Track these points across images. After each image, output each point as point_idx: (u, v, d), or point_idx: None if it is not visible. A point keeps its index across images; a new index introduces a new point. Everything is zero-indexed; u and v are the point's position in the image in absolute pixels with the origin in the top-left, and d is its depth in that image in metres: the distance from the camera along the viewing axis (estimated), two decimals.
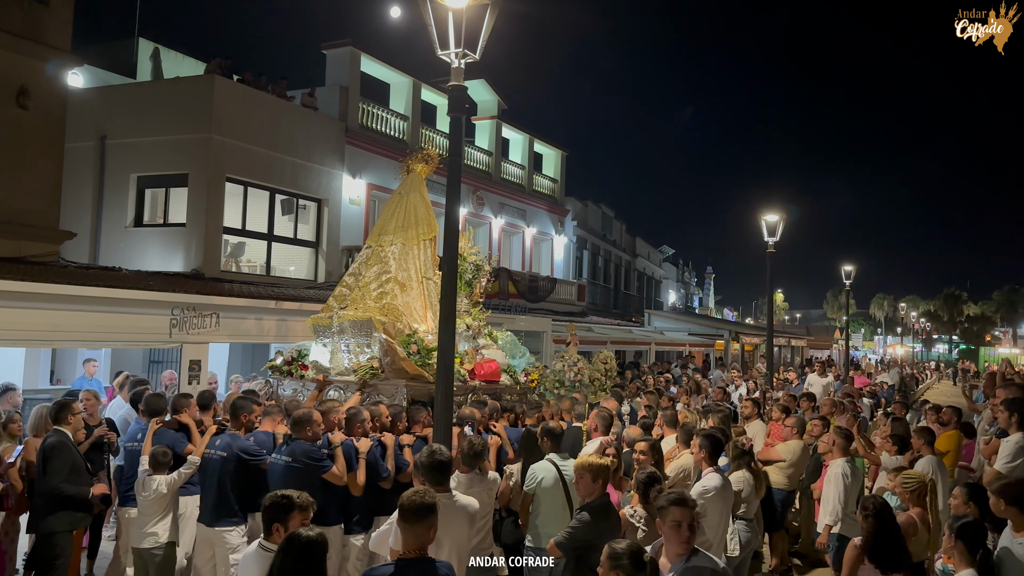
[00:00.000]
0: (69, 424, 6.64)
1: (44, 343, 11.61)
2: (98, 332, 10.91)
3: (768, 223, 16.30)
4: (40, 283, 9.92)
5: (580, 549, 5.08)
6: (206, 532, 6.34)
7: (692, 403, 12.59)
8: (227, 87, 15.60)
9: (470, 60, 6.30)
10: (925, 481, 5.91)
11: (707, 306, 68.32)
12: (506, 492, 6.85)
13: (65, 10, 12.57)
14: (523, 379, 10.45)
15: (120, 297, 10.87)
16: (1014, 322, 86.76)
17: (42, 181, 12.19)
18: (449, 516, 4.89)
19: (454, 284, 6.40)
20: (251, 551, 4.30)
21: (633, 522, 5.45)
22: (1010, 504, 4.94)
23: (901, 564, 5.06)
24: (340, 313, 9.78)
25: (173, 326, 11.65)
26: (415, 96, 21.31)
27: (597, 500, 5.29)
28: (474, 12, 6.11)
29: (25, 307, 9.75)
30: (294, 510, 4.18)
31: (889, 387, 23.01)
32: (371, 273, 10.12)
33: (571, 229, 30.79)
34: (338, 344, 9.70)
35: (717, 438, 6.62)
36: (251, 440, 6.58)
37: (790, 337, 43.94)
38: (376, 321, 9.35)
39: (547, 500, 6.10)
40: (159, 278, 12.63)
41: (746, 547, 6.90)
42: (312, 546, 3.59)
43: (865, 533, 5.07)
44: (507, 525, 6.92)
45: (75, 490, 6.35)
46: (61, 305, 10.16)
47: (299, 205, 17.50)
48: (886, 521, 5.11)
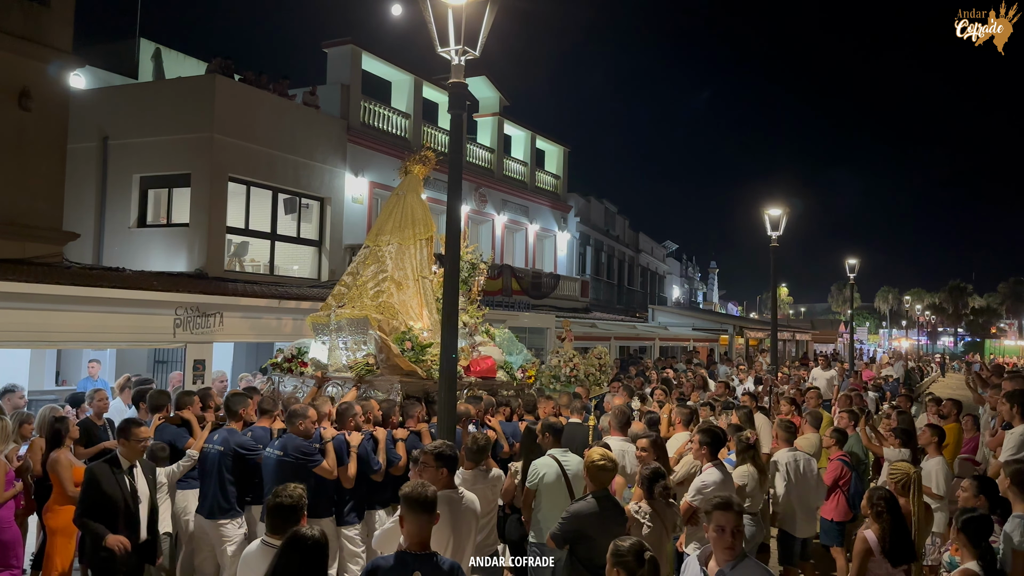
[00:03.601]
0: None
1: (49, 344, 11.65)
2: (102, 333, 10.96)
3: (771, 217, 16.26)
4: (44, 284, 9.96)
5: (572, 540, 5.10)
6: (204, 524, 6.51)
7: (698, 398, 12.59)
8: (229, 86, 15.61)
9: (470, 57, 6.30)
10: (910, 473, 5.97)
11: (711, 301, 68.21)
12: (510, 489, 6.87)
13: (66, 11, 12.59)
14: (520, 376, 10.62)
15: (124, 298, 10.91)
16: (1019, 314, 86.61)
17: (45, 182, 12.22)
18: (456, 513, 4.90)
19: (456, 281, 6.41)
20: (253, 548, 4.32)
21: (638, 518, 5.45)
22: (1013, 484, 5.18)
23: (912, 555, 5.09)
24: (338, 311, 9.98)
25: (177, 326, 11.68)
26: (416, 94, 21.30)
27: (591, 493, 5.30)
28: (473, 9, 6.10)
29: (29, 308, 9.80)
30: (300, 511, 4.26)
31: (894, 380, 22.98)
32: (368, 272, 10.33)
33: (574, 225, 30.77)
34: (336, 341, 9.89)
35: (716, 433, 6.63)
36: (248, 435, 6.77)
37: (795, 331, 43.91)
38: (372, 319, 9.55)
39: (549, 496, 6.12)
40: (163, 278, 12.66)
41: (750, 541, 6.90)
42: (316, 546, 3.64)
43: (881, 530, 5.07)
44: (511, 522, 6.95)
45: (93, 527, 5.56)
46: (65, 306, 10.20)
47: (302, 204, 17.51)
48: (896, 515, 5.13)
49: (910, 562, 5.15)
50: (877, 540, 5.05)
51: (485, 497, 5.67)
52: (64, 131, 12.68)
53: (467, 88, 6.53)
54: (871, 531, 5.12)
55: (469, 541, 4.99)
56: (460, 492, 5.04)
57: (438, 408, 6.57)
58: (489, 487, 6.10)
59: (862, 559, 5.09)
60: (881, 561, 5.00)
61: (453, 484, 5.02)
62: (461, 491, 5.07)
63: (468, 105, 6.77)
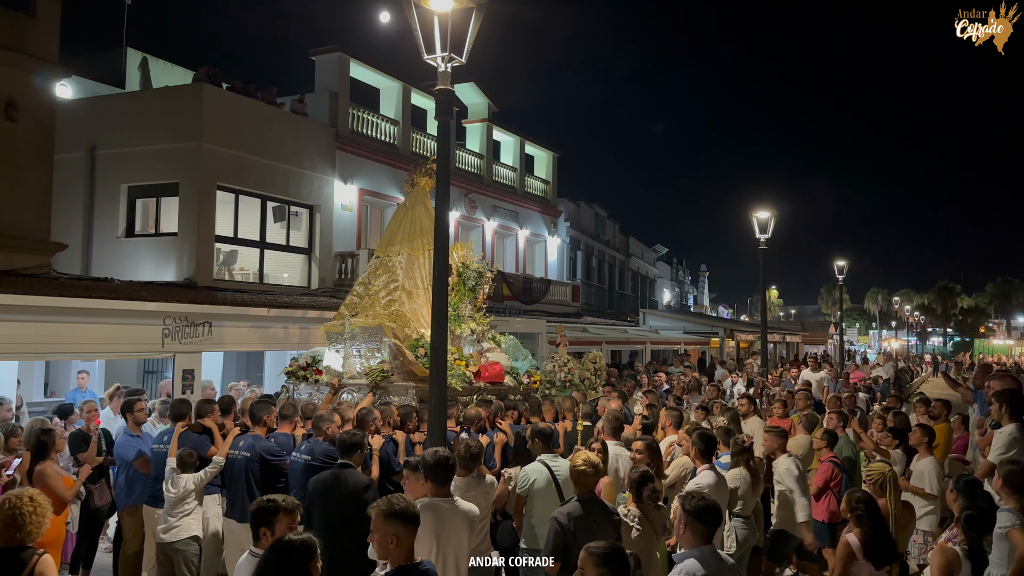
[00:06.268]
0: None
1: (37, 356, 11.57)
2: (91, 343, 10.89)
3: (760, 220, 16.34)
4: (32, 295, 9.89)
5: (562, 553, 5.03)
6: (236, 527, 6.67)
7: (689, 400, 12.62)
8: (216, 95, 15.57)
9: (457, 64, 6.32)
10: (885, 472, 6.03)
11: (702, 304, 68.43)
12: (503, 495, 6.86)
13: (52, 21, 12.54)
14: (526, 380, 10.90)
15: (112, 308, 10.84)
16: (1007, 314, 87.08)
17: (32, 193, 12.15)
18: (450, 521, 4.87)
19: (445, 285, 6.43)
20: (244, 559, 4.29)
21: (627, 521, 5.44)
22: (1005, 484, 5.33)
23: (894, 556, 5.11)
24: (351, 320, 10.36)
25: (166, 336, 11.62)
26: (405, 100, 21.29)
27: (576, 496, 5.25)
28: (459, 16, 6.12)
29: (17, 320, 9.72)
30: (279, 513, 4.12)
31: (884, 381, 23.07)
32: (380, 282, 10.79)
33: (564, 230, 30.79)
34: (350, 349, 10.26)
35: (710, 436, 6.64)
36: (272, 441, 7.00)
37: (785, 333, 44.01)
38: (385, 327, 9.94)
39: (540, 501, 6.11)
40: (151, 288, 12.60)
41: (743, 544, 6.91)
42: (292, 550, 3.45)
43: (863, 533, 5.09)
44: (503, 528, 6.94)
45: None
46: (53, 317, 10.13)
47: (291, 212, 17.47)
48: (876, 516, 5.15)
49: (892, 563, 5.18)
50: (860, 543, 5.06)
51: (479, 504, 5.65)
52: (51, 141, 12.62)
53: (454, 94, 6.56)
54: (853, 534, 5.13)
55: (465, 550, 4.96)
56: (455, 500, 5.01)
57: (429, 412, 6.68)
58: (482, 493, 6.08)
59: (845, 562, 5.10)
60: (864, 564, 5.01)
61: (444, 493, 4.99)
62: (456, 499, 5.05)
63: (456, 111, 6.81)
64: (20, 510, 4.27)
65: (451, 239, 10.74)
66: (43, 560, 4.26)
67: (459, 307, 11.03)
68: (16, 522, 4.25)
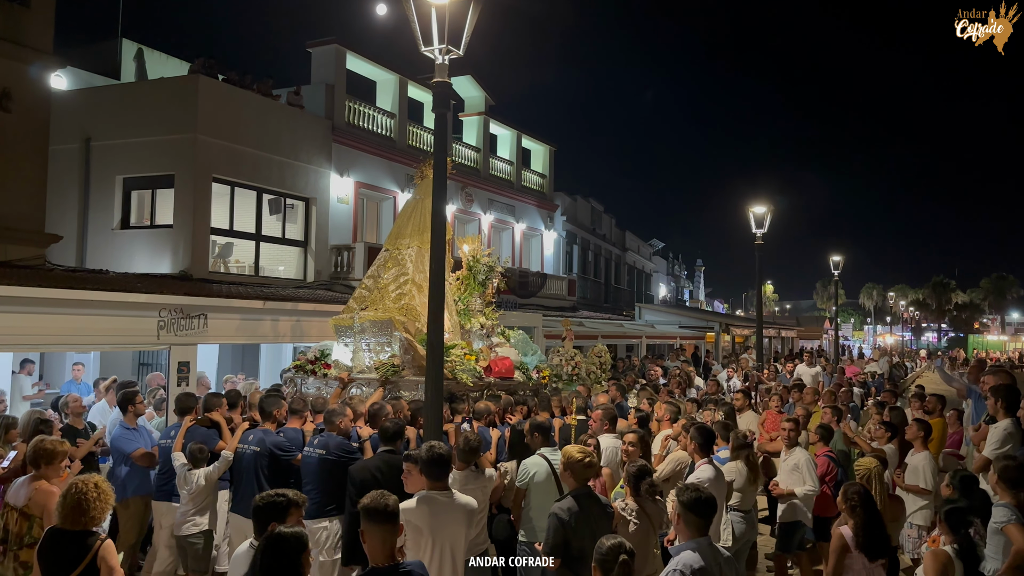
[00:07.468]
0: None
1: (31, 347, 11.52)
2: (85, 335, 10.85)
3: (756, 215, 16.37)
4: (26, 287, 9.84)
5: (561, 548, 5.04)
6: (243, 524, 6.58)
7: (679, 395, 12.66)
8: (212, 87, 15.50)
9: (454, 56, 6.30)
10: (871, 468, 6.05)
11: (697, 299, 68.42)
12: (499, 489, 6.86)
13: (47, 12, 12.47)
14: (535, 375, 10.82)
15: (107, 300, 10.80)
16: (1002, 309, 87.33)
17: (26, 184, 12.10)
18: (447, 514, 4.87)
19: (442, 280, 6.40)
20: (243, 550, 4.27)
21: (624, 515, 5.45)
22: (1000, 480, 5.38)
23: (887, 550, 5.13)
24: (361, 314, 10.16)
25: (161, 328, 11.58)
26: (402, 93, 21.22)
27: (571, 492, 5.24)
28: (457, 8, 6.10)
29: (11, 311, 9.68)
30: (291, 507, 4.13)
31: (879, 376, 23.12)
32: (389, 275, 10.56)
33: (560, 224, 30.76)
34: (359, 343, 10.09)
35: (708, 430, 6.65)
36: (281, 436, 6.98)
37: (780, 328, 44.11)
38: (396, 321, 9.79)
39: (539, 494, 6.11)
40: (146, 280, 12.55)
41: (740, 538, 6.92)
42: (286, 543, 3.50)
43: (856, 524, 5.10)
44: (499, 521, 6.94)
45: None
46: (48, 309, 10.08)
47: (287, 204, 17.42)
48: (871, 509, 5.17)
49: (886, 556, 5.20)
50: (853, 535, 5.08)
51: (477, 498, 5.65)
52: (46, 132, 12.56)
53: (451, 87, 6.53)
54: (847, 527, 5.15)
55: (462, 543, 4.96)
56: (452, 494, 5.01)
57: (424, 406, 6.69)
58: (480, 487, 6.08)
59: (838, 555, 5.12)
60: (858, 556, 5.03)
61: (440, 487, 4.99)
62: (454, 493, 5.04)
63: (453, 104, 6.78)
64: (85, 495, 4.46)
65: (450, 233, 10.73)
66: (106, 545, 4.48)
67: (469, 301, 10.95)
68: (81, 507, 4.45)
